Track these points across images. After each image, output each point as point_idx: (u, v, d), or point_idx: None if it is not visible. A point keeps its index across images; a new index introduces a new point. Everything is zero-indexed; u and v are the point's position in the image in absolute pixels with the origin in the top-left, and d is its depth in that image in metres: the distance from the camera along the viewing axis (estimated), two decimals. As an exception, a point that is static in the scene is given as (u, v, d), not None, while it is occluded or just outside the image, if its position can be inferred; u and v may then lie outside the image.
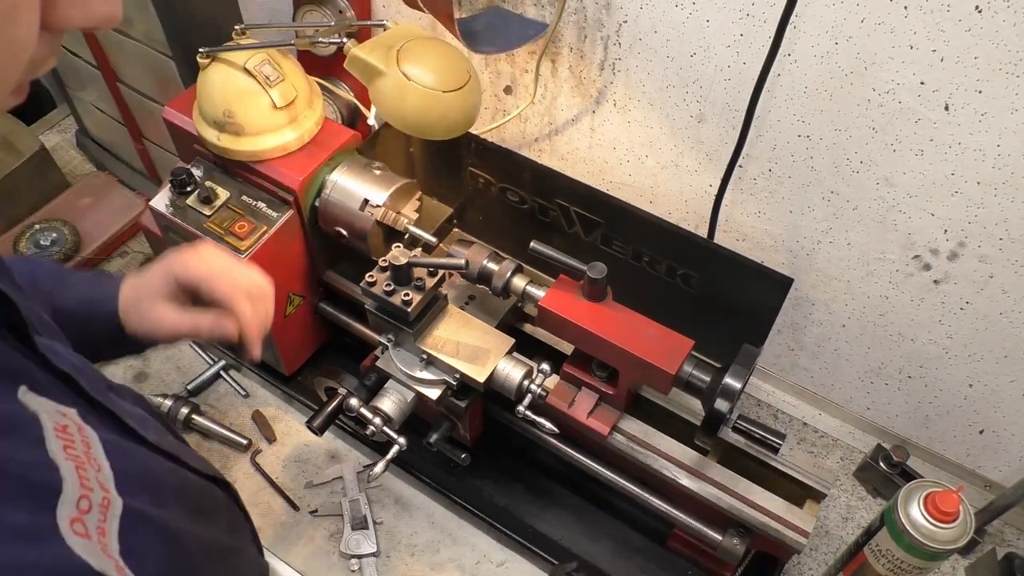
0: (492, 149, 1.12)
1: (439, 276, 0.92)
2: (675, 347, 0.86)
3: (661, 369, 0.84)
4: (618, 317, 0.89)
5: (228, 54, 0.93)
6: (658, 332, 0.88)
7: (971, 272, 0.92)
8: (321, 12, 1.15)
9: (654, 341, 0.87)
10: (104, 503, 0.43)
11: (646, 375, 0.87)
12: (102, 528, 0.42)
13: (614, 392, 0.94)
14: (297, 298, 1.08)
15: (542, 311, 0.91)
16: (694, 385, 0.85)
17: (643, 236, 1.04)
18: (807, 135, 0.92)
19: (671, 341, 0.87)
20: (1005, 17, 0.72)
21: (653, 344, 0.86)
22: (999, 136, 0.80)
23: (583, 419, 0.94)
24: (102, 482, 0.44)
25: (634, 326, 0.88)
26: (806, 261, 1.05)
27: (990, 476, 1.13)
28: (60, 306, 0.75)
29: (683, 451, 0.95)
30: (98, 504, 0.43)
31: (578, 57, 1.04)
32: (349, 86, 1.22)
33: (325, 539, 1.07)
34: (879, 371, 1.11)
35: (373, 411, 0.93)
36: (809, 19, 0.82)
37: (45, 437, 0.43)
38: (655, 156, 1.07)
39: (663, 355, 0.85)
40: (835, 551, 1.08)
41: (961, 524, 0.84)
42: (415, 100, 0.94)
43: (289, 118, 0.96)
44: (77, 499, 0.42)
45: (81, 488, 0.42)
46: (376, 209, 0.96)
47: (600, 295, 0.89)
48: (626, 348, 0.86)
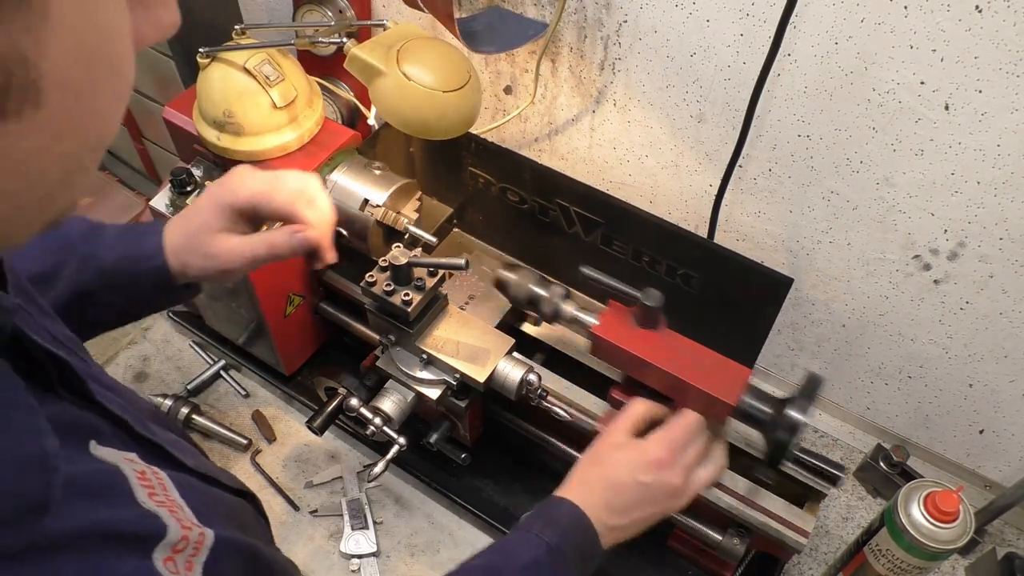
0: (492, 149, 1.12)
1: (439, 276, 0.92)
2: (733, 377, 0.83)
3: (721, 400, 0.82)
4: (673, 345, 0.86)
5: (228, 54, 0.93)
6: (715, 361, 0.85)
7: (971, 272, 0.92)
8: (321, 12, 1.15)
9: (711, 370, 0.84)
10: (200, 539, 0.45)
11: (704, 405, 0.84)
12: (190, 563, 0.43)
13: None
14: (297, 298, 1.08)
15: (595, 339, 0.87)
16: (754, 416, 0.82)
17: (643, 236, 1.04)
18: (807, 135, 0.92)
19: (728, 370, 0.84)
20: (1005, 17, 0.72)
21: (711, 373, 0.83)
22: (999, 136, 0.80)
23: None
24: (192, 520, 0.45)
25: (690, 355, 0.85)
26: (806, 261, 1.05)
27: (990, 476, 1.13)
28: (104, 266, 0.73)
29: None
30: (194, 541, 0.44)
31: (578, 57, 1.04)
32: (349, 86, 1.22)
33: (325, 539, 1.07)
34: (879, 371, 1.11)
35: (373, 411, 0.93)
36: (809, 19, 0.82)
37: (132, 488, 0.43)
38: (655, 156, 1.07)
39: (722, 385, 0.82)
40: (835, 551, 1.08)
41: (961, 524, 0.84)
42: (415, 100, 0.94)
43: (289, 118, 0.96)
44: (178, 540, 0.43)
45: (182, 529, 0.44)
46: (376, 209, 0.96)
47: (654, 322, 0.86)
48: (684, 378, 0.83)
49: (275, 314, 1.06)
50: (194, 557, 0.44)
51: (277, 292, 1.05)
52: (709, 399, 0.82)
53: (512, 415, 1.05)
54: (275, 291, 1.04)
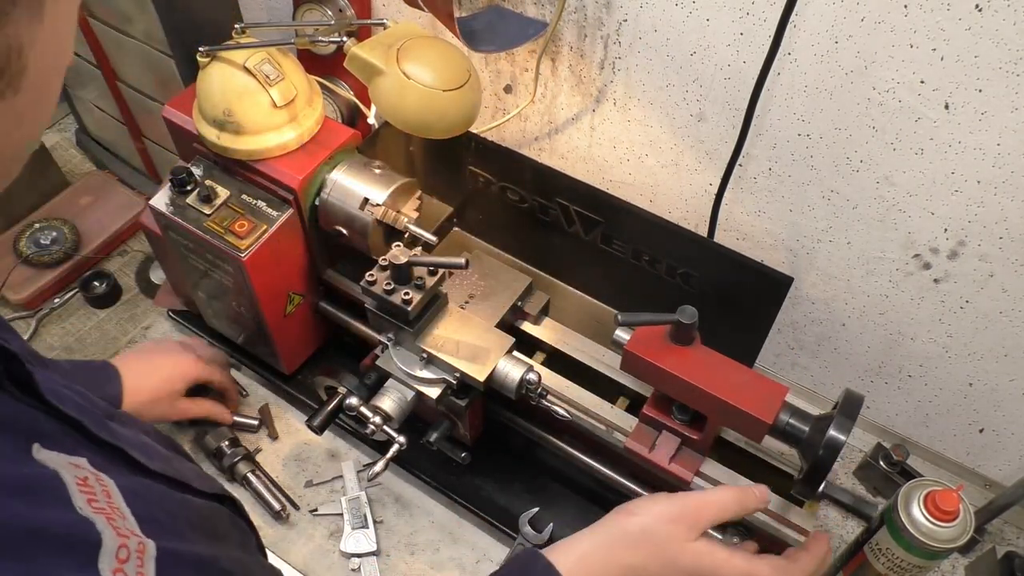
0: (492, 148, 1.12)
1: (439, 275, 0.91)
2: (769, 394, 0.82)
3: (757, 418, 0.80)
4: (708, 362, 0.85)
5: (228, 53, 0.93)
6: (750, 378, 0.84)
7: (971, 271, 0.92)
8: (321, 11, 1.15)
9: (747, 387, 0.82)
10: (140, 548, 0.44)
11: (739, 423, 0.83)
12: (140, 573, 0.43)
13: (699, 437, 0.90)
14: (297, 297, 1.08)
15: (627, 355, 0.86)
16: (791, 435, 0.81)
17: (643, 235, 1.04)
18: (807, 134, 0.92)
19: (764, 387, 0.83)
20: (1005, 16, 0.72)
21: (746, 391, 0.82)
22: (999, 135, 0.80)
23: (665, 464, 0.90)
24: (132, 529, 0.45)
25: (725, 371, 0.84)
26: (806, 260, 1.05)
27: (990, 475, 1.13)
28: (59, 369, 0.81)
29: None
30: (135, 551, 0.43)
31: (578, 56, 1.04)
32: (349, 85, 1.22)
33: (325, 538, 1.07)
34: (879, 370, 1.11)
35: (373, 410, 0.93)
36: (809, 18, 0.82)
37: (71, 494, 0.43)
38: (655, 155, 1.07)
39: (757, 403, 0.81)
40: (835, 550, 1.08)
41: (961, 523, 0.84)
42: (415, 99, 0.94)
43: (289, 117, 0.96)
44: (116, 549, 0.42)
45: (119, 537, 0.43)
46: (376, 208, 0.96)
47: (689, 339, 0.85)
48: (719, 395, 0.82)
49: (275, 313, 1.06)
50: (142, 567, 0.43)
51: (277, 291, 1.05)
52: (745, 416, 0.81)
53: (512, 414, 1.05)
54: (275, 290, 1.04)
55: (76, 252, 1.35)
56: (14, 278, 1.31)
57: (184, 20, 1.12)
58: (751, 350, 1.06)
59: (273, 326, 1.06)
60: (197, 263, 1.04)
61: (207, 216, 0.98)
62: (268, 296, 1.03)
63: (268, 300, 1.03)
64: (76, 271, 1.35)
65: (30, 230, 1.35)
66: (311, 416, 0.97)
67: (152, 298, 1.32)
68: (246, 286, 1.00)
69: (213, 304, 1.12)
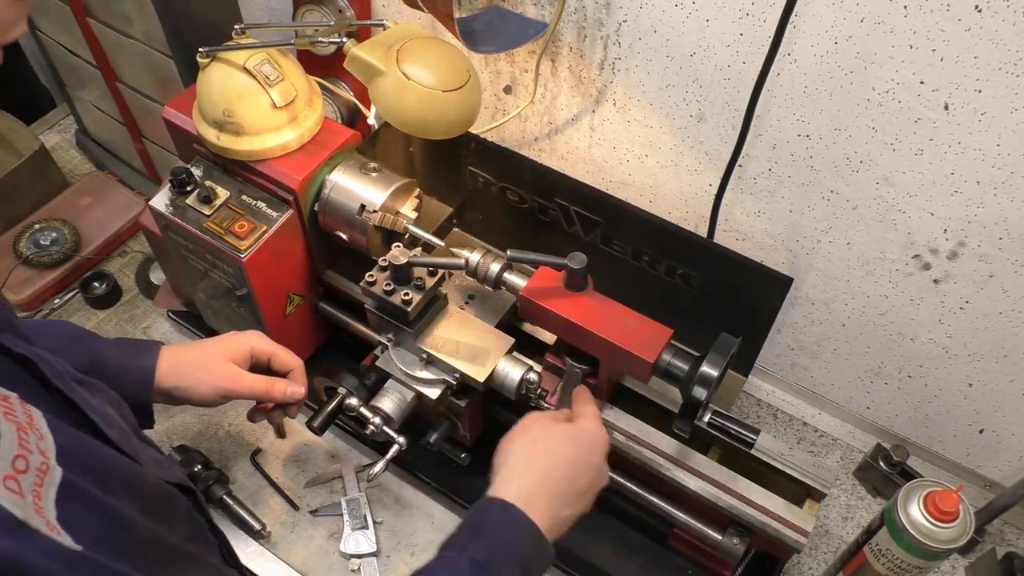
0: (492, 148, 1.12)
1: (439, 275, 0.92)
2: (654, 336, 0.87)
3: (640, 358, 0.85)
4: (598, 307, 0.90)
5: (228, 54, 0.93)
6: (637, 321, 0.89)
7: (971, 271, 0.93)
8: (321, 12, 1.15)
9: (634, 330, 0.87)
10: (42, 468, 0.43)
11: (626, 364, 0.88)
12: (37, 492, 0.42)
13: (595, 382, 0.95)
14: (297, 297, 1.08)
15: (523, 300, 0.91)
16: (672, 374, 0.86)
17: (643, 235, 1.04)
18: (807, 134, 0.92)
19: (650, 330, 0.88)
20: (1005, 17, 0.72)
21: (633, 333, 0.87)
22: (999, 136, 0.80)
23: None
24: (43, 449, 0.44)
25: (614, 315, 0.89)
26: (806, 261, 1.05)
27: (990, 475, 1.13)
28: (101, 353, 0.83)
29: (668, 441, 0.95)
30: (35, 467, 0.43)
31: (578, 57, 1.04)
32: (349, 86, 1.22)
33: (325, 539, 1.07)
34: (879, 370, 1.11)
35: (373, 410, 0.93)
36: (809, 19, 0.82)
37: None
38: (655, 155, 1.07)
39: (642, 344, 0.86)
40: (835, 550, 1.09)
41: (961, 523, 0.84)
42: (415, 99, 0.94)
43: (289, 117, 0.96)
44: (13, 457, 0.42)
45: (19, 448, 0.42)
46: (373, 215, 0.96)
47: (581, 285, 0.90)
48: (606, 337, 0.87)
49: (275, 313, 1.06)
50: (40, 487, 0.42)
51: (277, 291, 1.05)
52: (630, 356, 0.86)
53: (512, 414, 1.05)
54: (275, 290, 1.04)
55: (76, 253, 1.35)
56: (14, 279, 1.31)
57: (184, 21, 1.12)
58: (751, 351, 1.05)
59: (273, 326, 1.06)
60: (197, 264, 1.04)
61: (207, 217, 0.98)
62: (268, 297, 1.03)
63: (268, 301, 1.03)
64: (76, 272, 1.35)
65: (30, 231, 1.35)
66: (311, 417, 0.97)
67: (152, 299, 1.32)
68: (246, 286, 1.00)
69: (213, 305, 1.12)
